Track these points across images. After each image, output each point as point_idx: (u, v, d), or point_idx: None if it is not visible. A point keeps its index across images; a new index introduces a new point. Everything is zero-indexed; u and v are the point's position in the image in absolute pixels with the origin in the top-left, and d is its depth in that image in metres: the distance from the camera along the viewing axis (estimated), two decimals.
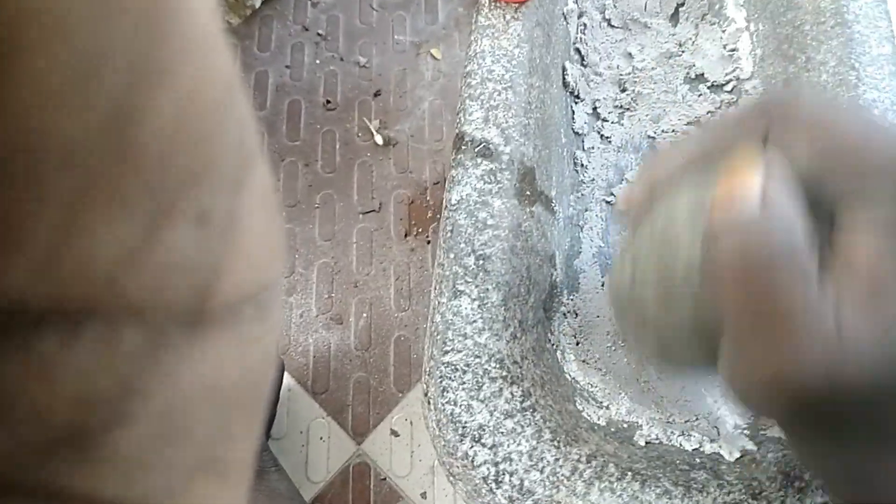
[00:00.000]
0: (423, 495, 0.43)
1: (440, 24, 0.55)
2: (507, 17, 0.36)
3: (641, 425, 0.31)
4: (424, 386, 0.30)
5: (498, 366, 0.29)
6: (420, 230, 0.49)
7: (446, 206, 0.32)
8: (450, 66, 0.50)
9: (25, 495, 0.11)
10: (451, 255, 0.31)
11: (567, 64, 0.40)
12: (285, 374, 0.45)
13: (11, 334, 0.10)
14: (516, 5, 0.35)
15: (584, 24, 0.41)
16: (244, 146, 0.13)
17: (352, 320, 0.48)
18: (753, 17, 0.42)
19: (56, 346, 0.10)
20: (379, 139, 0.52)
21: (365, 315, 0.47)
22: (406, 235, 0.50)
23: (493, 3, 0.35)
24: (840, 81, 0.36)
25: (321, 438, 0.45)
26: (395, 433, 0.45)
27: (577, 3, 0.42)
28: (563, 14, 0.40)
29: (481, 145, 0.33)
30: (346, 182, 0.51)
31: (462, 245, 0.31)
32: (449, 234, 0.31)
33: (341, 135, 0.52)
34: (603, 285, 0.37)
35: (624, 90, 0.41)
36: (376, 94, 0.53)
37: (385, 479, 0.44)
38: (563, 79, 0.40)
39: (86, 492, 0.12)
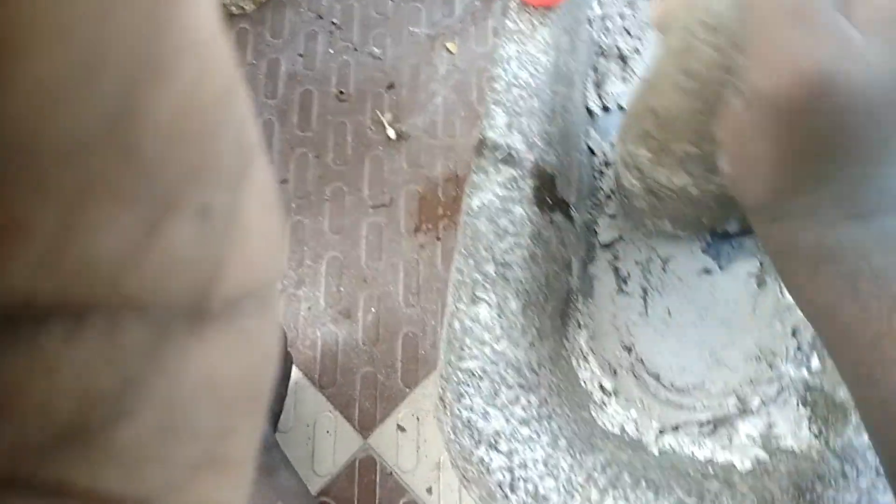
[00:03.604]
0: (429, 490, 0.43)
1: (457, 17, 0.54)
2: (535, 22, 0.35)
3: (655, 434, 0.32)
4: (441, 391, 0.30)
5: (515, 373, 0.29)
6: (430, 226, 0.49)
7: (467, 212, 0.32)
8: (465, 61, 0.49)
9: (28, 490, 0.11)
10: (471, 262, 0.31)
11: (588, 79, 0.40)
12: (293, 367, 0.45)
13: (15, 330, 0.10)
14: (545, 8, 0.35)
15: (608, 29, 0.41)
16: (244, 143, 0.13)
17: (360, 315, 0.48)
18: None
19: (59, 341, 0.10)
20: (391, 133, 0.51)
21: (373, 310, 0.47)
22: (416, 231, 0.50)
23: (520, 7, 0.35)
24: None
25: (328, 432, 0.45)
26: (401, 428, 0.46)
27: (601, 8, 0.41)
28: (589, 20, 0.40)
29: (505, 152, 0.33)
30: (357, 175, 0.51)
31: (483, 252, 0.31)
32: (469, 241, 0.31)
33: (353, 127, 0.52)
34: (617, 291, 0.38)
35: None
36: (390, 87, 0.53)
37: (391, 473, 0.44)
38: (585, 94, 0.40)
39: (88, 486, 0.12)
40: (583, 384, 0.33)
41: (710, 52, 0.24)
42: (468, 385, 0.29)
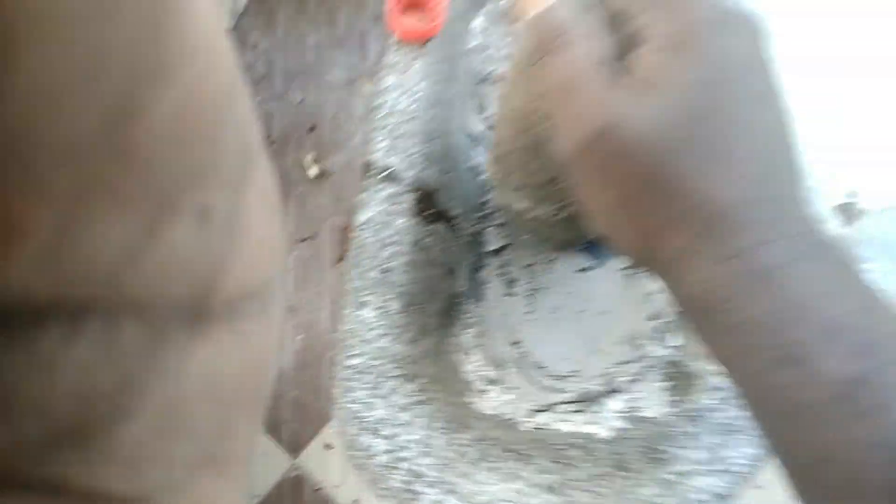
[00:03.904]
0: (356, 502, 0.45)
1: (371, 61, 0.59)
2: (412, 55, 0.40)
3: (528, 415, 0.35)
4: (334, 388, 0.33)
5: (396, 366, 0.33)
6: None
7: (355, 228, 0.36)
8: (371, 118, 0.54)
9: (27, 489, 0.11)
10: (357, 271, 0.34)
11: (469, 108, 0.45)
12: None
13: (14, 330, 0.10)
14: (420, 43, 0.40)
15: (489, 58, 0.46)
16: (245, 144, 0.13)
17: (288, 342, 0.50)
18: None
19: (58, 341, 0.10)
20: (313, 171, 0.55)
21: (300, 337, 0.50)
22: (339, 261, 0.53)
23: (398, 43, 0.40)
24: None
25: (258, 454, 0.47)
26: (328, 446, 0.48)
27: (484, 38, 0.46)
28: (468, 50, 0.45)
29: (386, 171, 0.37)
30: (283, 213, 0.54)
31: (367, 261, 0.35)
32: (357, 252, 0.35)
33: (278, 169, 0.56)
34: (506, 293, 0.41)
35: None
36: (311, 129, 0.57)
37: (319, 489, 0.46)
38: (465, 121, 0.44)
39: (87, 486, 0.12)
40: (465, 375, 0.36)
41: (529, 98, 0.29)
42: (354, 380, 0.32)
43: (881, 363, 0.21)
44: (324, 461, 0.47)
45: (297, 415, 0.48)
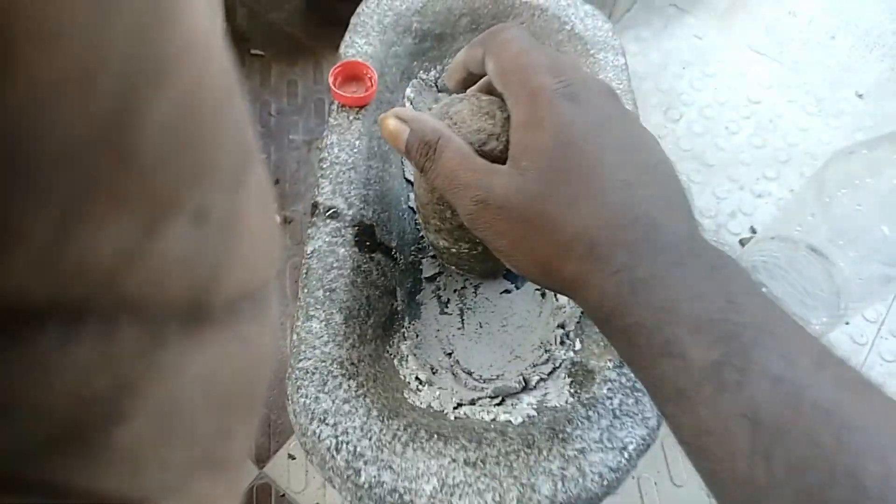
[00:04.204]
0: None
1: (324, 133, 0.68)
2: (351, 117, 0.48)
3: (454, 408, 0.42)
4: (287, 387, 0.40)
5: (339, 367, 0.39)
6: None
7: (303, 256, 0.43)
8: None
9: (25, 491, 0.11)
10: (306, 290, 0.42)
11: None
12: None
13: (11, 332, 0.10)
14: (357, 109, 0.48)
15: None
16: (242, 145, 0.13)
17: None
18: None
19: (55, 343, 0.10)
20: (277, 218, 0.63)
21: None
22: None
23: (339, 107, 0.48)
24: None
25: None
26: (291, 457, 0.53)
27: (412, 103, 0.55)
28: None
29: (330, 210, 0.45)
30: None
31: (314, 282, 0.42)
32: (304, 275, 0.42)
33: None
34: (440, 312, 0.49)
35: None
36: (275, 183, 0.65)
37: (284, 495, 0.52)
38: (403, 168, 0.52)
39: (85, 487, 0.12)
40: (401, 376, 0.43)
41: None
42: (304, 379, 0.39)
43: (740, 347, 0.24)
44: (287, 470, 0.52)
45: (264, 429, 0.54)
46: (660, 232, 0.27)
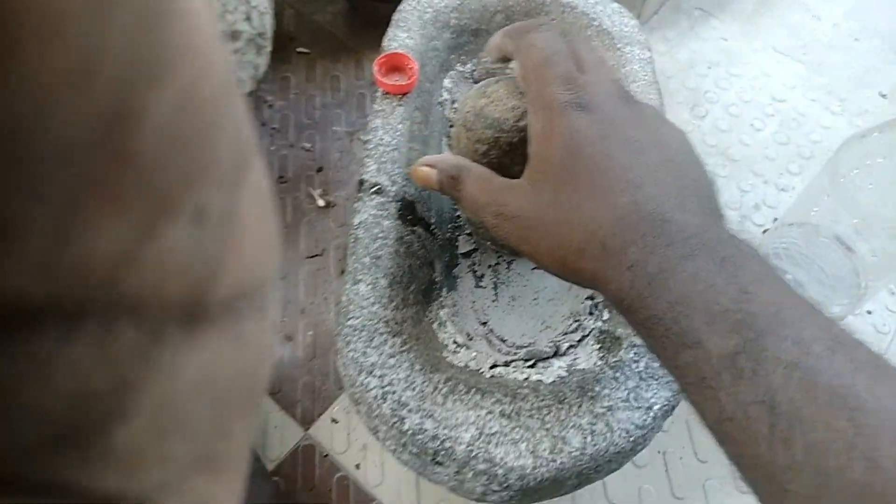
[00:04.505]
0: (357, 466, 0.54)
1: (368, 117, 0.72)
2: (394, 104, 0.52)
3: (490, 367, 0.45)
4: (337, 344, 0.43)
5: (385, 325, 0.43)
6: None
7: (351, 227, 0.47)
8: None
9: (23, 491, 0.11)
10: (354, 257, 0.45)
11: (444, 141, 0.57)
12: None
13: (10, 331, 0.10)
14: (399, 96, 0.52)
15: (455, 109, 0.58)
16: (240, 145, 0.13)
17: (300, 338, 0.60)
18: None
19: (54, 343, 0.10)
20: (321, 203, 0.67)
21: (311, 333, 0.60)
22: (342, 273, 0.64)
23: (383, 94, 0.52)
24: None
25: (275, 427, 0.56)
26: (334, 420, 0.57)
27: (450, 93, 0.59)
28: (440, 102, 0.57)
29: (375, 187, 0.48)
30: (296, 236, 0.66)
31: (361, 250, 0.46)
32: (353, 244, 0.46)
33: (292, 201, 0.68)
34: (475, 286, 0.52)
35: None
36: (319, 170, 0.69)
37: (327, 455, 0.55)
38: (440, 153, 0.56)
39: (84, 486, 0.12)
40: (439, 339, 0.46)
41: (469, 142, 0.42)
42: (352, 335, 0.43)
43: (753, 336, 0.24)
44: (331, 433, 0.56)
45: (308, 395, 0.57)
46: (670, 227, 0.27)
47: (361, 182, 0.49)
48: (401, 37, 0.56)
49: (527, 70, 0.34)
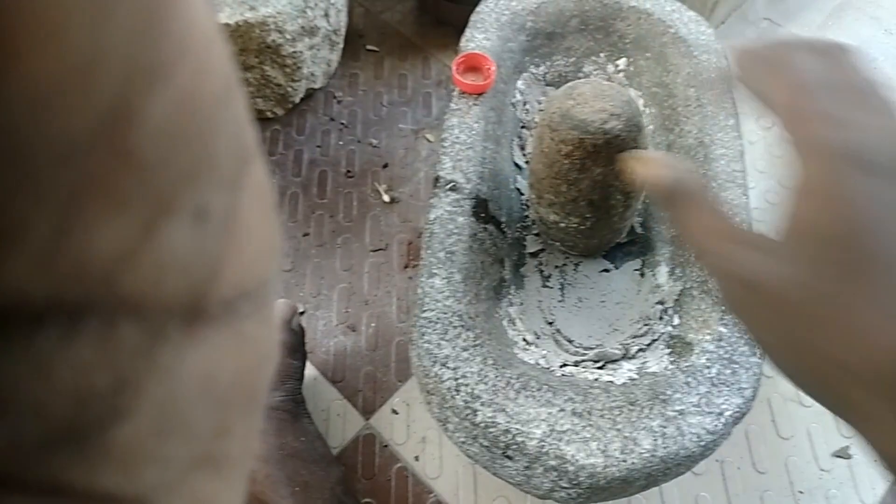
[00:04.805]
0: (416, 458, 0.55)
1: (434, 116, 0.73)
2: (470, 103, 0.53)
3: (560, 366, 0.45)
4: (412, 334, 0.44)
5: (458, 319, 0.44)
6: (416, 263, 0.64)
7: (426, 222, 0.48)
8: (440, 147, 0.68)
9: (24, 490, 0.11)
10: (429, 251, 0.46)
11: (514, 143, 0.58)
12: (312, 366, 0.59)
13: (10, 331, 0.10)
14: (476, 95, 0.53)
15: (528, 110, 0.59)
16: (242, 143, 0.13)
17: (363, 328, 0.62)
18: (647, 104, 0.60)
19: (54, 342, 0.10)
20: (386, 198, 0.68)
21: (373, 325, 0.62)
22: (405, 267, 0.65)
23: (460, 94, 0.53)
24: (699, 143, 0.52)
25: (338, 415, 0.57)
26: (395, 412, 0.58)
27: (522, 95, 0.59)
28: (513, 103, 0.58)
29: (451, 183, 0.49)
30: (361, 229, 0.67)
31: (436, 244, 0.47)
32: (428, 238, 0.47)
33: (358, 195, 0.69)
34: (542, 286, 0.52)
35: None
36: (384, 166, 0.71)
37: (387, 445, 0.56)
38: (511, 152, 0.57)
39: (85, 485, 0.12)
40: (510, 337, 0.47)
41: (552, 143, 0.42)
42: (427, 327, 0.44)
43: None
44: (391, 423, 0.57)
45: (369, 385, 0.59)
46: None
47: (437, 179, 0.49)
48: (478, 38, 0.57)
49: (785, 106, 0.25)
